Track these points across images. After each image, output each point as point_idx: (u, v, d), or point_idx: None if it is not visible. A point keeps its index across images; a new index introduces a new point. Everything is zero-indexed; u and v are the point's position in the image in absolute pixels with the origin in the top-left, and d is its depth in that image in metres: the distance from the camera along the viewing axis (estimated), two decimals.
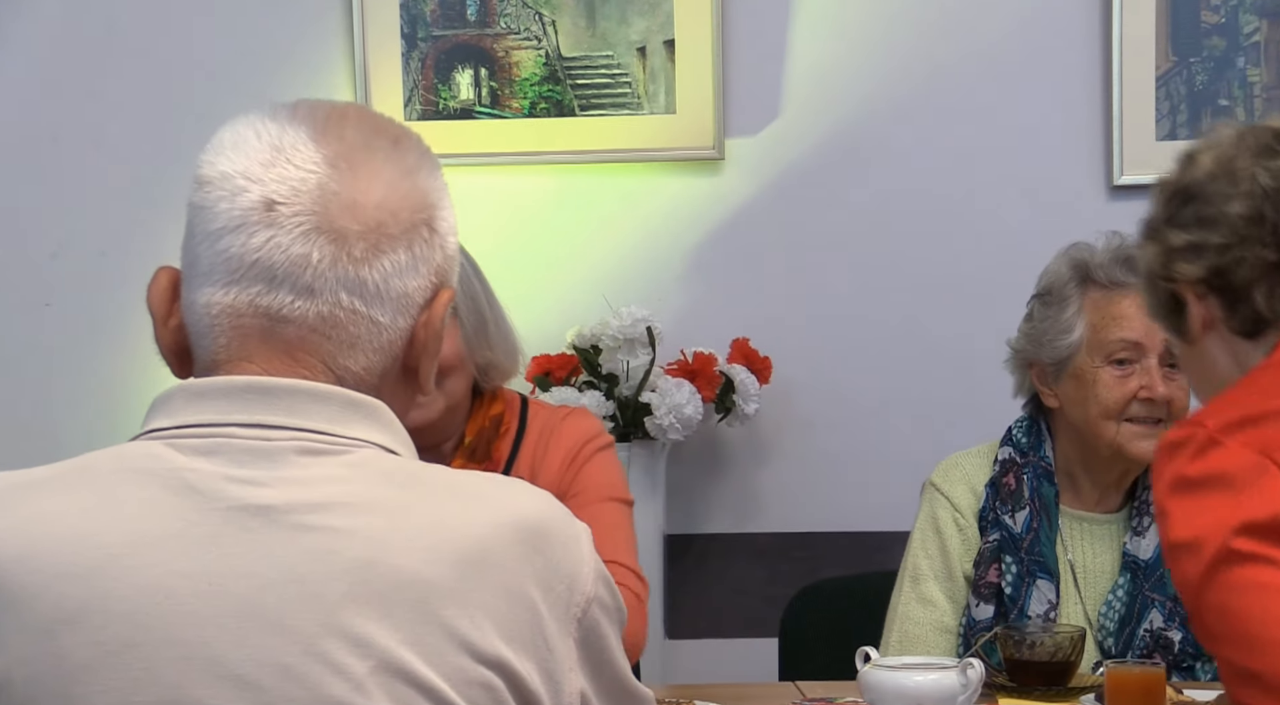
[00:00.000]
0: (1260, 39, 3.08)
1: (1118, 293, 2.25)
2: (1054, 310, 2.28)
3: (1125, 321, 2.24)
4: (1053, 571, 2.24)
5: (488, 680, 1.05)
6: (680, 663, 3.15)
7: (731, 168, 3.17)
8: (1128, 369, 2.24)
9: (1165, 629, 2.21)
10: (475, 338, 2.10)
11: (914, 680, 1.80)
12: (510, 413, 2.19)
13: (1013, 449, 2.33)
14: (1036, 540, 2.25)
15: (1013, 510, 2.27)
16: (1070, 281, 2.28)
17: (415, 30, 3.13)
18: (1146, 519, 2.29)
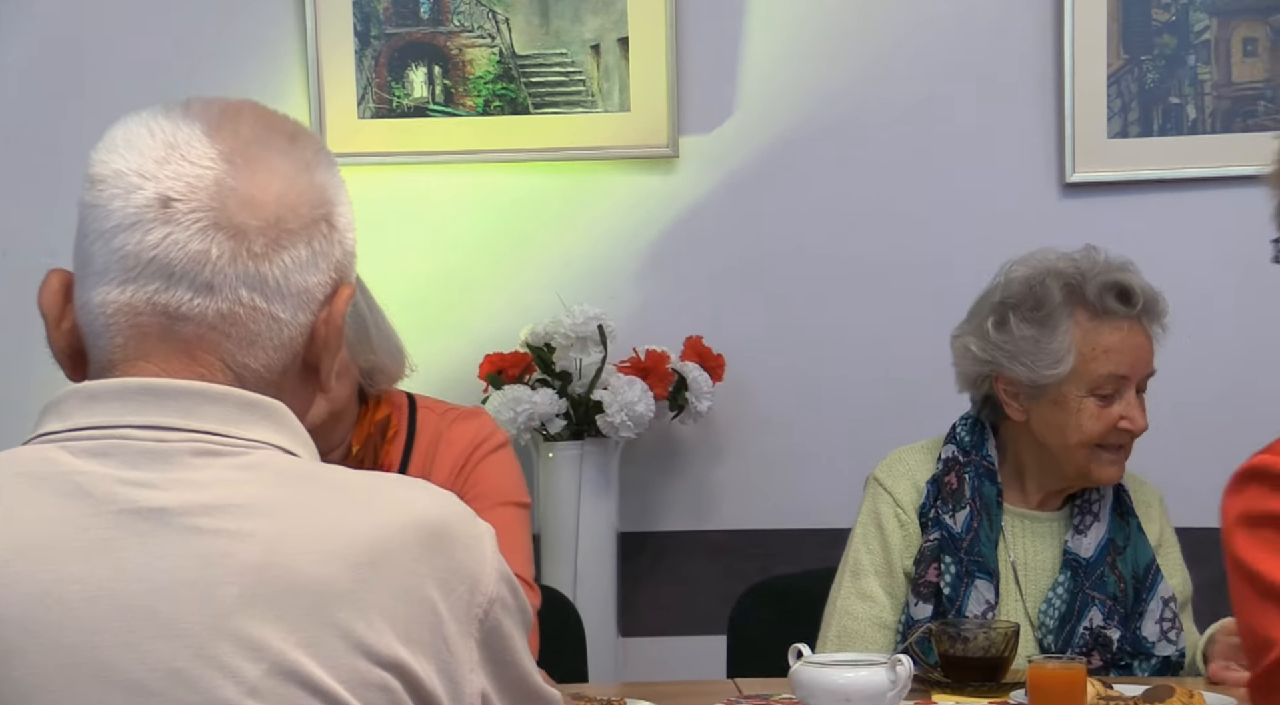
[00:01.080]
0: (1210, 37, 3.09)
1: (1109, 322, 2.22)
2: (1040, 331, 2.22)
3: (1116, 355, 2.22)
4: (992, 572, 2.24)
5: (385, 682, 1.04)
6: (633, 660, 3.15)
7: (686, 165, 3.18)
8: (1110, 399, 2.22)
9: (1104, 627, 2.22)
10: (357, 341, 2.07)
11: (844, 677, 1.81)
12: (398, 416, 2.15)
13: (956, 447, 2.33)
14: (976, 540, 2.25)
15: (953, 510, 2.27)
16: (1061, 303, 2.23)
17: (368, 28, 3.13)
18: (1088, 518, 2.29)
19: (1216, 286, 3.15)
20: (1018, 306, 2.25)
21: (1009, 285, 2.27)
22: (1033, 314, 2.23)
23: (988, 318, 2.28)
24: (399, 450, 2.15)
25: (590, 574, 3.03)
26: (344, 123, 3.13)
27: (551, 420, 2.98)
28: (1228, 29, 3.09)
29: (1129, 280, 2.25)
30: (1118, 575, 2.27)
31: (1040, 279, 2.25)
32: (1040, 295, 2.24)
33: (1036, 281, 2.25)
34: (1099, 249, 2.29)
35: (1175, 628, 2.25)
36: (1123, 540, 2.30)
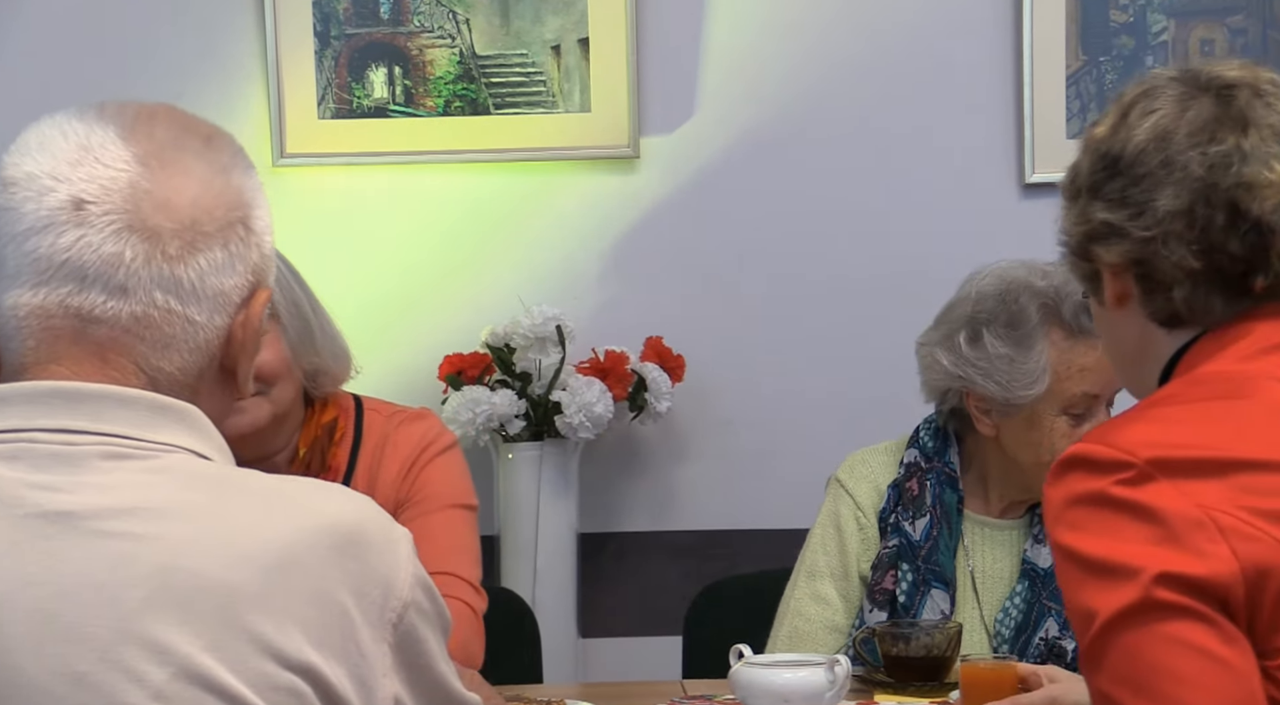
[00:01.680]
0: (1168, 38, 3.10)
1: (1083, 341, 2.20)
2: (1015, 351, 2.20)
3: (1089, 375, 2.20)
4: (949, 581, 2.24)
5: (294, 686, 1.05)
6: (594, 661, 3.15)
7: (646, 166, 3.18)
8: (1081, 418, 2.22)
9: (1060, 638, 2.21)
10: (300, 344, 2.06)
11: (782, 678, 1.81)
12: (344, 418, 2.14)
13: (919, 452, 2.32)
14: (935, 549, 2.25)
15: (913, 517, 2.27)
16: (1038, 324, 2.20)
17: (328, 28, 3.13)
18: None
19: None
20: (991, 323, 2.22)
21: (981, 299, 2.24)
22: (1008, 333, 2.21)
23: (959, 331, 2.25)
24: (346, 452, 2.14)
25: (550, 575, 3.03)
26: (304, 123, 3.13)
27: (510, 421, 2.98)
28: (1185, 30, 3.10)
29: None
30: None
31: (1015, 295, 2.22)
32: (1015, 313, 2.21)
33: (1011, 298, 2.22)
34: (1060, 268, 2.27)
35: None
36: None
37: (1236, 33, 3.09)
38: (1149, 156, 1.32)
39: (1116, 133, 1.35)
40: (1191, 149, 1.31)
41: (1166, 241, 1.31)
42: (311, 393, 2.12)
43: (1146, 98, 1.36)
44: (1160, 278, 1.32)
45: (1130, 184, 1.32)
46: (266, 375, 2.04)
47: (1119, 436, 1.23)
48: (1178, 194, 1.31)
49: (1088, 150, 1.38)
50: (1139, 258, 1.32)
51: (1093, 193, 1.35)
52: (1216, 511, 1.18)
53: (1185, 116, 1.32)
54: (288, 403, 2.07)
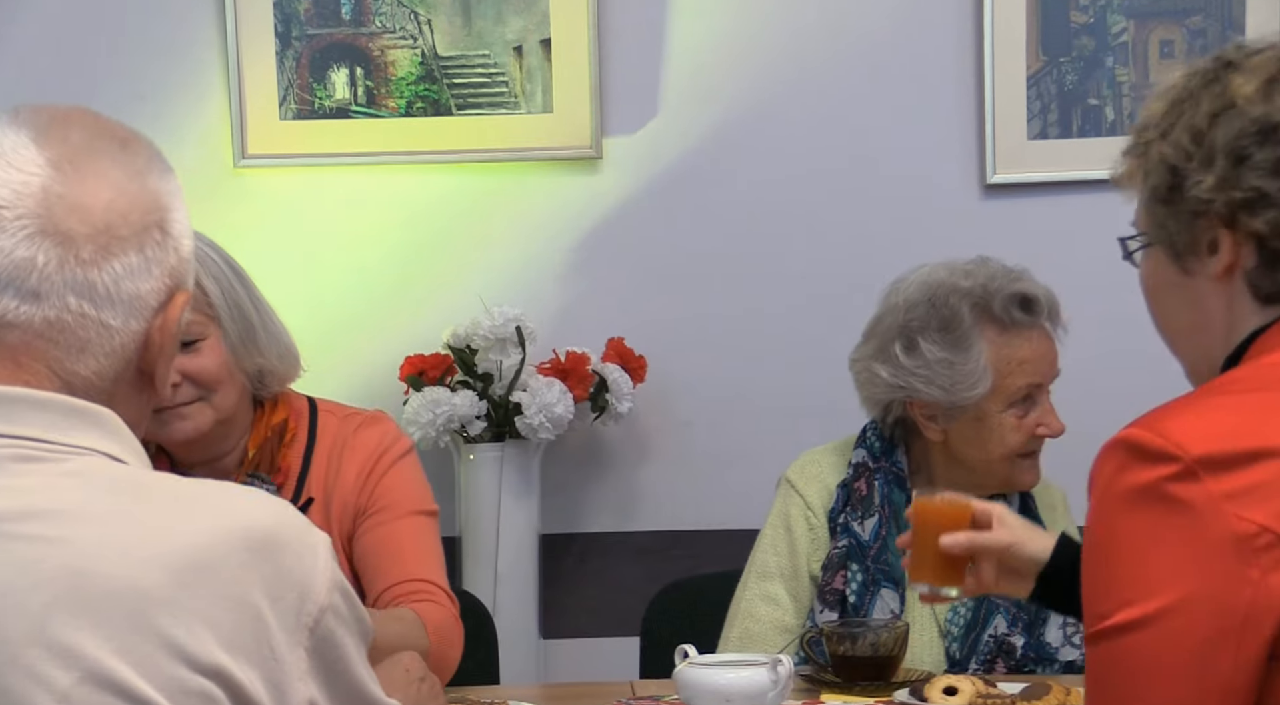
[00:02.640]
0: (1128, 39, 3.11)
1: (1019, 334, 2.21)
2: (954, 354, 2.21)
3: (1029, 366, 2.22)
4: (898, 580, 2.24)
5: (205, 689, 1.04)
6: (555, 662, 3.15)
7: (609, 167, 3.18)
8: (1026, 408, 2.23)
9: (1009, 634, 2.22)
10: (242, 345, 2.04)
11: (725, 677, 1.81)
12: (296, 419, 2.13)
13: (866, 452, 2.32)
14: (884, 548, 2.25)
15: (862, 517, 2.27)
16: (972, 323, 2.21)
17: (289, 29, 3.12)
18: None
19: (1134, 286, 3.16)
20: (925, 329, 2.23)
21: (910, 307, 2.24)
22: (943, 337, 2.21)
23: (894, 342, 2.25)
24: (299, 454, 2.13)
25: (511, 576, 3.03)
26: (265, 124, 3.12)
27: (471, 422, 2.98)
28: (1145, 31, 3.11)
29: (1030, 288, 2.24)
30: None
31: (944, 298, 2.22)
32: (947, 316, 2.22)
33: (940, 302, 2.22)
34: (988, 259, 2.28)
35: (1078, 632, 2.26)
36: None
37: (1195, 33, 3.10)
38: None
39: (1274, 101, 1.31)
40: None
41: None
42: (259, 394, 2.10)
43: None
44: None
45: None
46: (207, 381, 2.03)
47: (1173, 426, 1.22)
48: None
49: (1235, 117, 1.32)
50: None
51: (1238, 158, 1.31)
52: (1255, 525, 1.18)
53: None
54: (231, 407, 2.06)
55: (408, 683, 1.69)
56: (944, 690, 1.86)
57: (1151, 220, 1.37)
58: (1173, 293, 1.37)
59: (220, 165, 3.14)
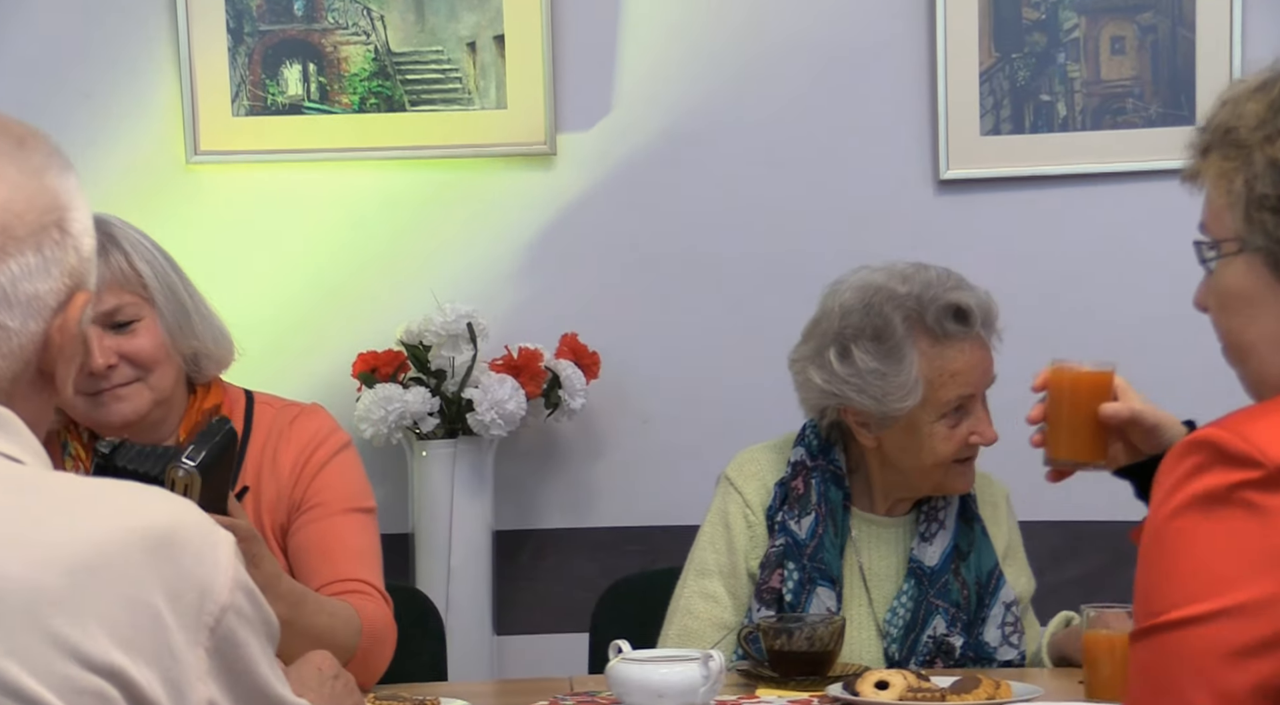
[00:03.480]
0: (1079, 35, 3.12)
1: (951, 346, 2.21)
2: (886, 365, 2.20)
3: (961, 376, 2.21)
4: (834, 579, 2.25)
5: (100, 689, 1.04)
6: (509, 659, 3.15)
7: (563, 163, 3.18)
8: (958, 418, 2.23)
9: (948, 635, 2.23)
10: (178, 328, 2.06)
11: (657, 673, 1.82)
12: (230, 406, 2.14)
13: (805, 450, 2.32)
14: (820, 547, 2.25)
15: (799, 516, 2.27)
16: (904, 335, 2.21)
17: (241, 25, 3.12)
18: (934, 525, 2.29)
19: (1088, 281, 3.18)
20: (859, 338, 2.22)
21: (846, 314, 2.24)
22: (876, 347, 2.21)
23: (828, 348, 2.25)
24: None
25: (464, 572, 3.03)
26: (218, 120, 3.12)
27: (424, 418, 2.98)
28: (1096, 27, 3.12)
29: (964, 299, 2.22)
30: (961, 582, 2.27)
31: (879, 306, 2.22)
32: (880, 326, 2.21)
33: (875, 310, 2.22)
34: (925, 266, 2.26)
35: (1017, 631, 2.26)
36: (966, 546, 2.30)
37: (1146, 29, 3.11)
38: None
39: None
40: None
41: None
42: (194, 378, 2.12)
43: None
44: None
45: None
46: (145, 361, 2.05)
47: (1255, 430, 1.21)
48: None
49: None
50: None
51: None
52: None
53: None
54: (168, 388, 2.07)
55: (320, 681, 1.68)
56: (875, 684, 1.87)
57: (1250, 227, 1.32)
58: (1262, 305, 1.33)
59: (172, 162, 3.13)
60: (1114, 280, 3.12)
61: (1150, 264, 3.07)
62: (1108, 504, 2.36)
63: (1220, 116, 1.36)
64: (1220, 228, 1.36)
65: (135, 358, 2.04)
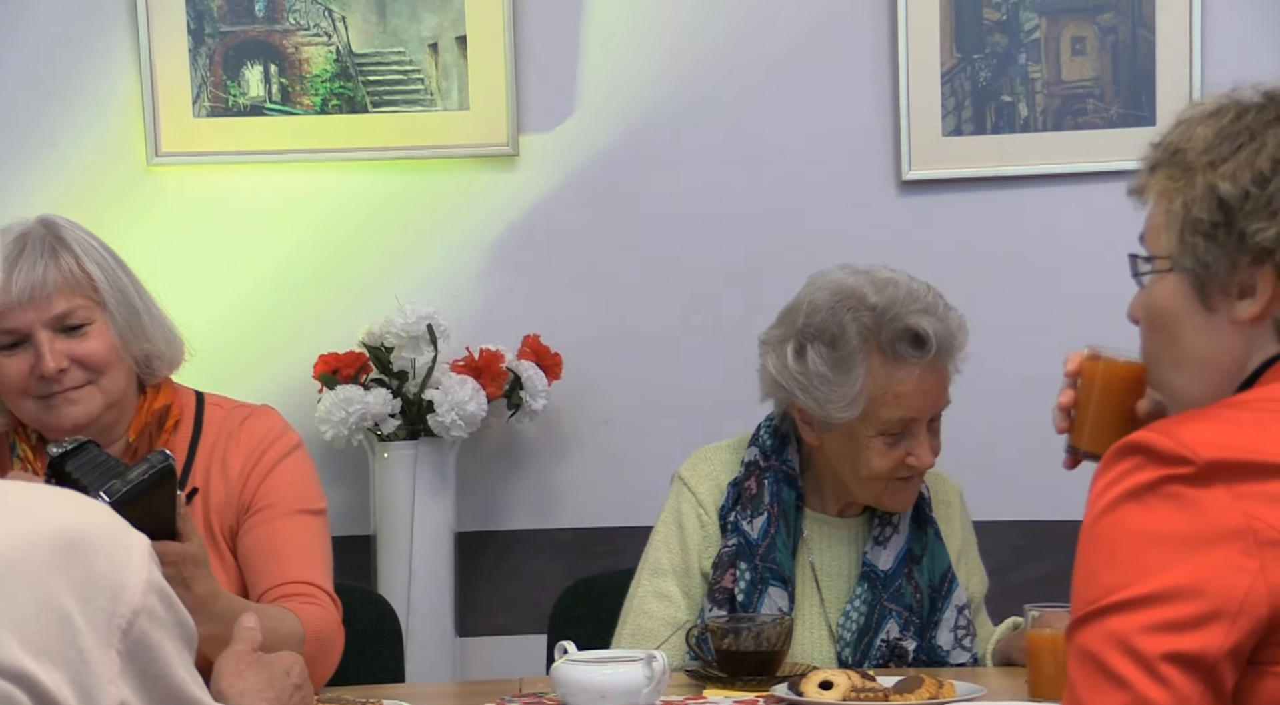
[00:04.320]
0: (1040, 36, 3.12)
1: (902, 368, 2.20)
2: (834, 372, 2.20)
3: (905, 400, 2.20)
4: (786, 579, 2.24)
5: (5, 692, 1.03)
6: (472, 660, 3.15)
7: (526, 164, 3.18)
8: (897, 439, 2.22)
9: (901, 639, 2.22)
10: (129, 330, 2.06)
11: (600, 674, 1.82)
12: (181, 408, 2.13)
13: (758, 450, 2.32)
14: (772, 547, 2.25)
15: (751, 516, 2.27)
16: (857, 348, 2.20)
17: (202, 26, 3.11)
18: (888, 529, 2.29)
19: (1048, 281, 3.18)
20: (815, 339, 2.22)
21: (812, 311, 2.24)
22: (829, 353, 2.21)
23: (789, 341, 2.25)
24: (184, 444, 2.13)
25: (425, 574, 3.03)
26: (179, 122, 3.11)
27: (385, 420, 2.98)
28: (1057, 28, 3.12)
29: (923, 326, 2.20)
30: (914, 586, 2.27)
31: (840, 314, 2.21)
32: (836, 334, 2.21)
33: (836, 317, 2.21)
34: (899, 282, 2.24)
35: (969, 635, 2.26)
36: (920, 549, 2.30)
37: (1107, 30, 3.12)
38: None
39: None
40: None
41: None
42: (146, 380, 2.11)
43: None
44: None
45: None
46: (96, 364, 2.04)
47: (1185, 431, 1.25)
48: None
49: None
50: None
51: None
52: (1262, 523, 1.20)
53: None
54: (120, 391, 2.07)
55: (284, 686, 1.67)
56: (820, 684, 1.87)
57: (1183, 248, 1.34)
58: (1186, 324, 1.36)
59: (133, 163, 3.12)
60: (1076, 280, 3.13)
61: (1112, 264, 3.05)
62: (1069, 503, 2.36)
63: (1172, 136, 1.38)
64: (1156, 244, 1.38)
65: (87, 361, 2.04)
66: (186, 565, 1.83)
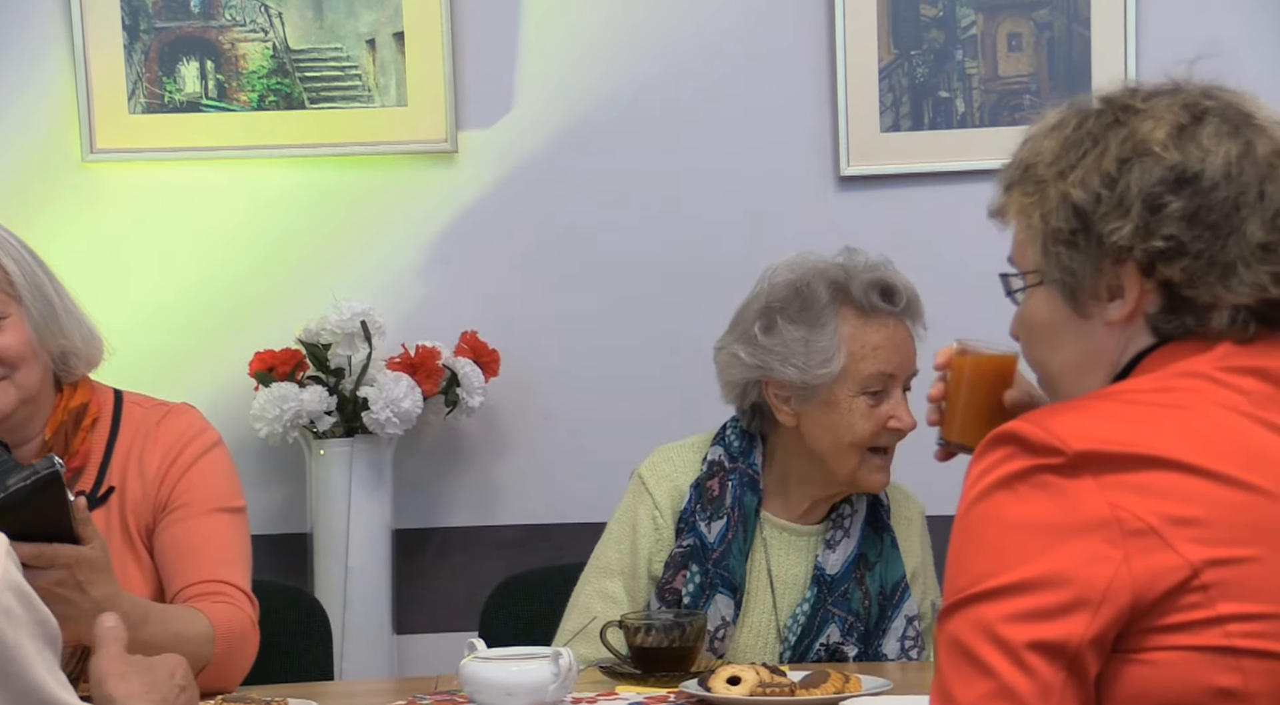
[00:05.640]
0: (976, 32, 3.13)
1: (875, 320, 2.22)
2: (809, 331, 2.21)
3: (884, 352, 2.22)
4: (736, 586, 2.24)
5: None
6: (411, 657, 3.15)
7: (465, 160, 3.17)
8: (879, 398, 2.23)
9: (842, 643, 2.22)
10: (45, 326, 2.05)
11: (506, 671, 1.81)
12: (98, 405, 2.12)
13: (724, 450, 2.31)
14: (728, 552, 2.24)
15: (710, 518, 2.26)
16: (829, 303, 2.22)
17: (137, 22, 3.10)
18: (839, 533, 2.29)
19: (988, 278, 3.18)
20: (784, 309, 2.24)
21: (774, 291, 2.26)
22: (801, 315, 2.22)
23: (754, 323, 2.26)
24: (101, 442, 2.12)
25: (362, 572, 3.02)
26: (114, 118, 3.09)
27: (320, 417, 2.97)
28: (993, 24, 3.13)
29: (891, 278, 2.25)
30: (864, 591, 2.26)
31: (805, 281, 2.24)
32: (807, 297, 2.23)
33: (802, 284, 2.24)
34: (859, 250, 2.29)
35: (917, 646, 2.25)
36: (874, 555, 2.29)
37: (1043, 26, 3.12)
38: (1231, 183, 1.31)
39: (1186, 149, 1.31)
40: (1266, 183, 1.31)
41: (1248, 267, 1.30)
42: (62, 377, 2.10)
43: (1204, 119, 1.33)
44: (1206, 299, 1.31)
45: (1208, 207, 1.30)
46: (10, 358, 2.03)
47: (1055, 422, 1.26)
48: (1263, 224, 1.31)
49: (1148, 163, 1.31)
50: (1206, 279, 1.30)
51: (1155, 206, 1.31)
52: (1127, 513, 1.22)
53: (1253, 146, 1.32)
54: (34, 386, 2.05)
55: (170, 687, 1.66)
56: (728, 680, 1.87)
57: (1048, 260, 1.36)
58: (1063, 333, 1.37)
59: (68, 160, 3.11)
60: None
61: None
62: None
63: (1021, 153, 1.40)
64: (1023, 260, 1.40)
65: (1, 355, 2.03)
66: (82, 569, 1.82)
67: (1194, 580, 1.21)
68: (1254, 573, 1.22)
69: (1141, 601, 1.22)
